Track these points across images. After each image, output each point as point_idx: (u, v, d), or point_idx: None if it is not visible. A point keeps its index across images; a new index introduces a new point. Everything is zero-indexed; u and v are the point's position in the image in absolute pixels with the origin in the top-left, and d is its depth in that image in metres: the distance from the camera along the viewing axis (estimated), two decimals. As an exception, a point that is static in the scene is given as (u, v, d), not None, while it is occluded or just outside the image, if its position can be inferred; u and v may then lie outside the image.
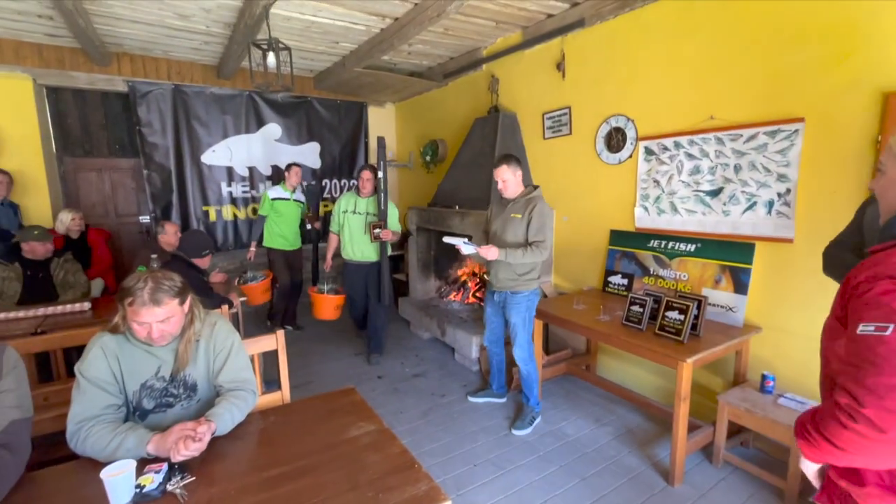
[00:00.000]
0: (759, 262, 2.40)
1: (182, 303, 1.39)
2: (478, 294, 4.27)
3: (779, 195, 2.29)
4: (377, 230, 3.43)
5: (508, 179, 2.56)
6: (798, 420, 0.87)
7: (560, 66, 3.39)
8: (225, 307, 2.58)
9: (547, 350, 3.42)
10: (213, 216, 5.00)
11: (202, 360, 1.48)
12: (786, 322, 2.31)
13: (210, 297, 2.65)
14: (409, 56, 4.38)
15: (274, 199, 4.08)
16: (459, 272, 4.52)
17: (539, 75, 3.61)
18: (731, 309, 2.47)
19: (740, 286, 2.45)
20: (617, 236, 3.13)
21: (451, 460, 2.40)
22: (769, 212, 2.33)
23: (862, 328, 0.74)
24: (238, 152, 5.01)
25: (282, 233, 4.13)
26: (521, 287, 2.59)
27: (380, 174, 3.40)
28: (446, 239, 2.70)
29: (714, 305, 2.52)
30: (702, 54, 2.54)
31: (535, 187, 2.63)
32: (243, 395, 1.47)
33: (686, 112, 2.65)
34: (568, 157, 3.45)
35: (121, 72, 4.31)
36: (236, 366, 1.51)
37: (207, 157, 4.86)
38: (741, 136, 2.40)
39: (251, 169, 5.12)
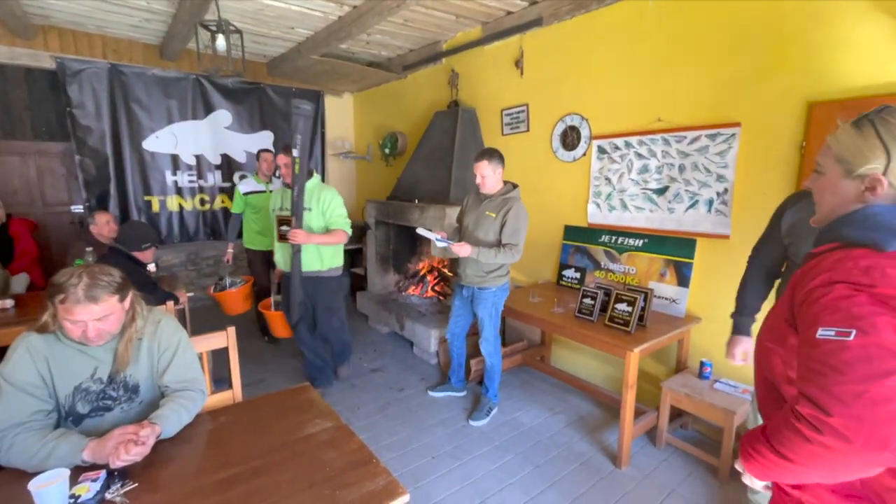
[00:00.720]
0: (700, 257, 2.57)
1: (122, 299, 1.30)
2: (437, 288, 4.29)
3: (718, 194, 2.45)
4: (284, 227, 2.68)
5: (487, 176, 2.52)
6: (743, 440, 0.84)
7: (519, 64, 3.44)
8: (170, 303, 2.44)
9: (504, 342, 3.49)
10: (156, 207, 4.70)
11: (145, 359, 1.40)
12: (722, 313, 2.47)
13: (154, 293, 2.50)
14: (367, 46, 4.30)
15: (246, 194, 3.59)
16: (419, 266, 4.52)
17: (498, 72, 3.65)
18: (674, 301, 2.63)
19: (683, 279, 2.61)
20: (571, 231, 3.24)
21: (409, 453, 2.41)
22: (709, 210, 2.49)
23: (822, 332, 0.72)
24: (184, 139, 4.73)
25: (260, 230, 3.65)
26: (489, 283, 2.62)
27: (295, 153, 2.54)
28: (420, 230, 2.62)
29: (659, 297, 2.67)
30: (650, 59, 2.66)
31: (514, 186, 2.61)
32: (191, 395, 1.40)
33: (636, 113, 2.78)
34: (525, 153, 3.52)
35: (48, 47, 3.94)
36: (183, 364, 1.44)
37: (150, 144, 4.56)
38: (685, 137, 2.54)
39: (199, 157, 4.85)
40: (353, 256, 5.65)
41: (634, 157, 2.80)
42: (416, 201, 3.84)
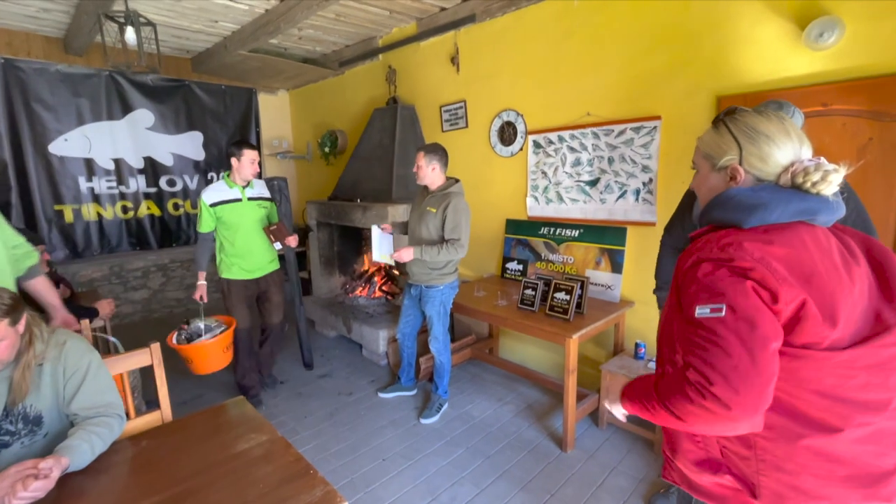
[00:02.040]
0: (631, 244, 2.71)
1: (14, 323, 1.17)
2: (384, 288, 4.24)
3: (644, 184, 2.59)
4: None
5: (422, 167, 2.53)
6: (630, 386, 0.95)
7: (455, 60, 3.45)
8: (85, 321, 2.22)
9: (453, 337, 3.52)
10: (69, 216, 4.28)
11: (49, 386, 1.27)
12: (652, 296, 2.63)
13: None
14: (300, 41, 4.14)
15: (214, 205, 2.61)
16: (365, 267, 4.44)
17: (435, 68, 3.65)
18: (609, 287, 2.75)
19: (616, 266, 2.74)
20: (512, 225, 3.30)
21: (360, 458, 2.36)
22: (637, 199, 2.63)
23: (699, 311, 0.79)
24: (99, 142, 4.34)
25: (238, 253, 2.68)
26: (435, 281, 2.61)
27: None
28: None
29: (595, 285, 2.79)
30: (578, 55, 2.76)
31: (456, 181, 2.61)
32: (106, 421, 1.29)
33: (567, 108, 2.87)
34: (466, 149, 3.55)
35: (-77, 39, 3.47)
36: (95, 389, 1.31)
37: (58, 148, 4.14)
38: (613, 131, 2.67)
39: (118, 161, 4.47)
40: (298, 260, 5.44)
41: (567, 150, 2.90)
42: (359, 200, 3.77)
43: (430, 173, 2.55)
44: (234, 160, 2.62)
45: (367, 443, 2.49)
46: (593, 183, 2.81)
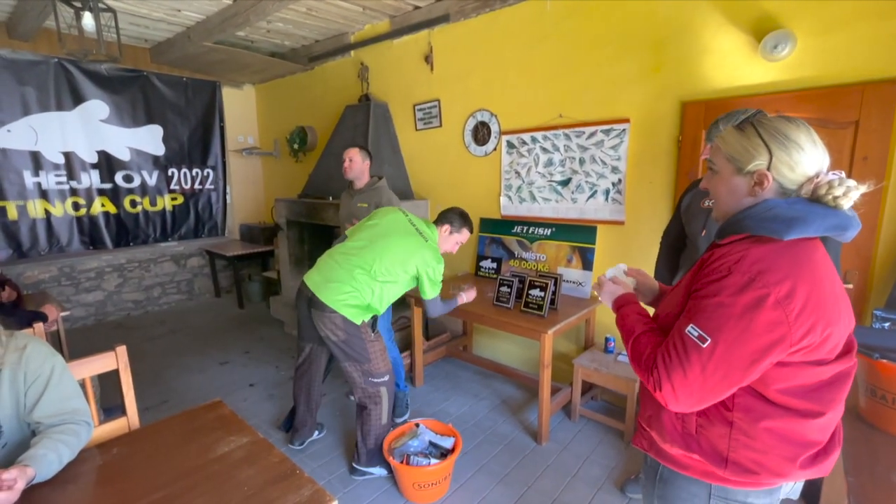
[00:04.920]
0: (601, 242, 2.80)
1: (-31, 325, 1.09)
2: (357, 287, 4.19)
3: (613, 185, 2.69)
4: None
5: (357, 161, 2.77)
6: (621, 312, 1.07)
7: (428, 59, 3.46)
8: (39, 325, 2.09)
9: (427, 336, 3.53)
10: (13, 213, 3.98)
11: (7, 394, 1.19)
12: (621, 292, 2.74)
13: (12, 315, 2.11)
14: (268, 34, 4.03)
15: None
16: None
17: (409, 66, 3.64)
18: (580, 284, 2.84)
19: (587, 263, 2.83)
20: (486, 224, 3.35)
21: (336, 459, 2.34)
22: (606, 199, 2.73)
23: (689, 329, 0.84)
24: (47, 134, 4.05)
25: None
26: None
27: None
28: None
29: (567, 282, 2.87)
30: (551, 58, 2.83)
31: (380, 178, 2.83)
32: (72, 428, 1.22)
33: (540, 110, 2.94)
34: (440, 148, 3.56)
35: None
36: (59, 395, 1.24)
37: (0, 139, 3.84)
38: (584, 132, 2.75)
39: (68, 155, 4.20)
40: (265, 259, 5.30)
41: (540, 151, 2.97)
42: (331, 198, 3.71)
43: (364, 168, 2.79)
44: (449, 228, 2.21)
45: (343, 443, 2.46)
46: (565, 183, 2.89)
